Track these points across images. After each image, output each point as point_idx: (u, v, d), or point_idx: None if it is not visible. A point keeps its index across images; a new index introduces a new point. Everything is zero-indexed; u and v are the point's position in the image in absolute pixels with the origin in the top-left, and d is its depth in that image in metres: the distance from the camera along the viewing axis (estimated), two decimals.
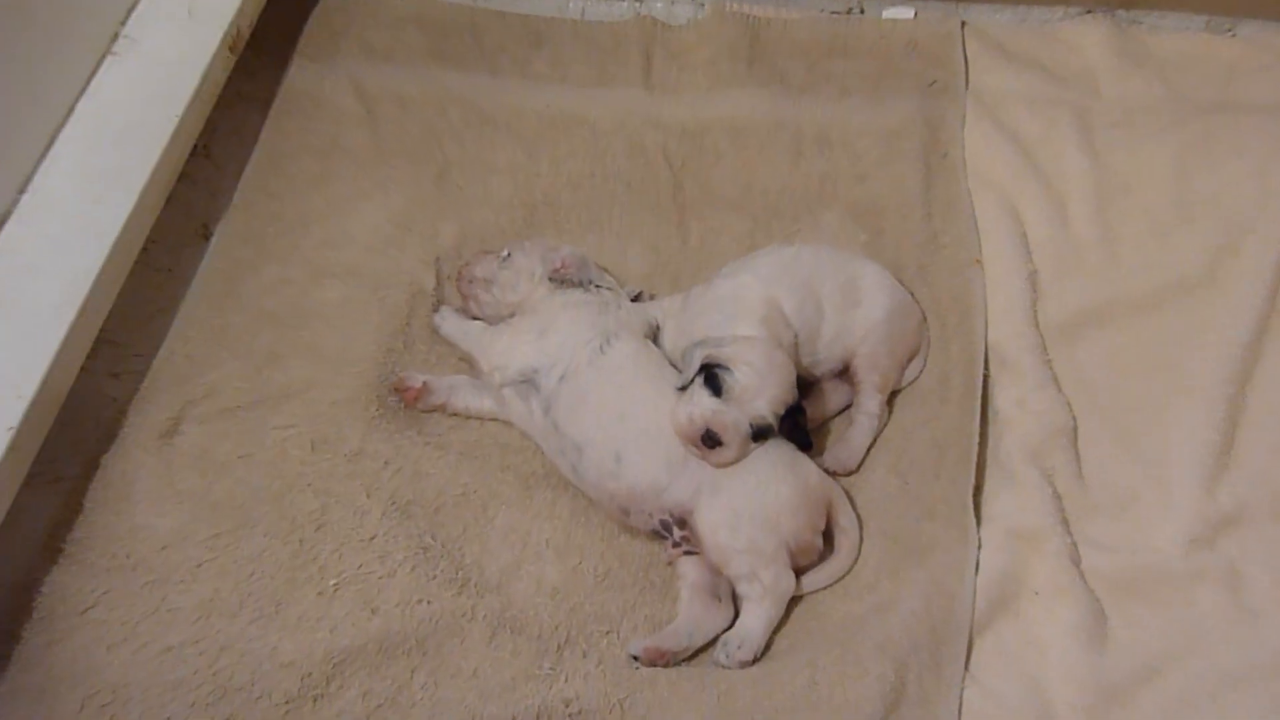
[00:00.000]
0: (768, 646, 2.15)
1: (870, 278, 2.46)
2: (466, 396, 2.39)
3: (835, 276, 2.42)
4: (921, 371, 2.49)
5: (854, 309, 2.42)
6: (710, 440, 2.13)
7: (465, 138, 2.85)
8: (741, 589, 2.15)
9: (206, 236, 2.64)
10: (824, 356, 2.40)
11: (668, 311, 2.44)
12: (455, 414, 2.40)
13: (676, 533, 2.19)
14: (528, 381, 2.29)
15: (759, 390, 2.15)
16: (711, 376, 2.15)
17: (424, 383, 2.39)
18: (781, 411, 2.18)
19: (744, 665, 2.10)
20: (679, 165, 2.84)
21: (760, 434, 2.16)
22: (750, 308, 2.31)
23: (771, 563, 2.14)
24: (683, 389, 2.18)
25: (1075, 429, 2.42)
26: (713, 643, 2.15)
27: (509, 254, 2.46)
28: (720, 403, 2.14)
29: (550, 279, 2.40)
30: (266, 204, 2.68)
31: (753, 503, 2.14)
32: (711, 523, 2.14)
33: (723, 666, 2.10)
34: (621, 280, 2.55)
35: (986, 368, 2.46)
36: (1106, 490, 2.35)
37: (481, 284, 2.46)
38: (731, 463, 2.15)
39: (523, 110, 2.90)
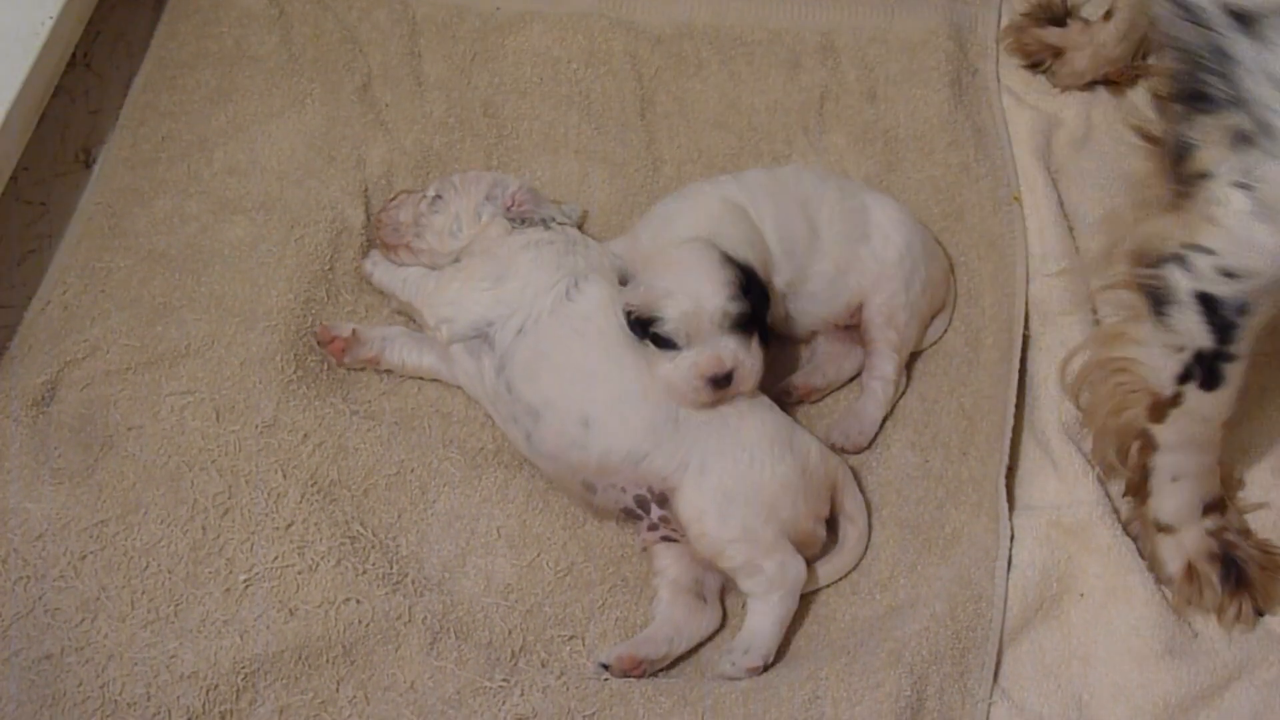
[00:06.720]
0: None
1: (883, 210, 2.46)
2: (403, 350, 2.40)
3: (839, 201, 2.42)
4: (947, 329, 2.51)
5: (861, 243, 2.41)
6: (720, 384, 2.15)
7: (390, 43, 2.86)
8: (743, 585, 2.16)
9: (87, 163, 2.64)
10: (823, 298, 2.40)
11: (623, 254, 2.40)
12: (389, 370, 2.42)
13: (655, 511, 2.20)
14: (481, 336, 2.31)
15: (699, 300, 2.13)
16: (651, 334, 2.16)
17: (353, 331, 2.40)
18: (736, 291, 2.15)
19: (754, 673, 2.12)
20: (650, 75, 2.84)
21: (741, 325, 2.16)
22: (699, 206, 2.32)
23: (774, 550, 2.15)
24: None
25: None
26: (695, 649, 2.18)
27: (436, 195, 2.46)
28: (690, 352, 2.14)
29: (507, 218, 2.40)
30: (158, 124, 2.68)
31: (745, 483, 2.15)
32: (697, 508, 2.15)
33: (730, 679, 2.11)
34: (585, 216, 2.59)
35: (1026, 326, 2.48)
36: None
37: (410, 230, 2.45)
38: (757, 381, 2.18)
39: (463, 10, 2.91)
